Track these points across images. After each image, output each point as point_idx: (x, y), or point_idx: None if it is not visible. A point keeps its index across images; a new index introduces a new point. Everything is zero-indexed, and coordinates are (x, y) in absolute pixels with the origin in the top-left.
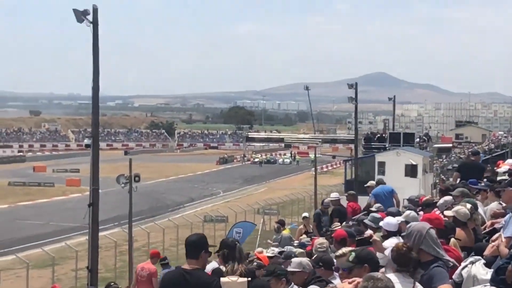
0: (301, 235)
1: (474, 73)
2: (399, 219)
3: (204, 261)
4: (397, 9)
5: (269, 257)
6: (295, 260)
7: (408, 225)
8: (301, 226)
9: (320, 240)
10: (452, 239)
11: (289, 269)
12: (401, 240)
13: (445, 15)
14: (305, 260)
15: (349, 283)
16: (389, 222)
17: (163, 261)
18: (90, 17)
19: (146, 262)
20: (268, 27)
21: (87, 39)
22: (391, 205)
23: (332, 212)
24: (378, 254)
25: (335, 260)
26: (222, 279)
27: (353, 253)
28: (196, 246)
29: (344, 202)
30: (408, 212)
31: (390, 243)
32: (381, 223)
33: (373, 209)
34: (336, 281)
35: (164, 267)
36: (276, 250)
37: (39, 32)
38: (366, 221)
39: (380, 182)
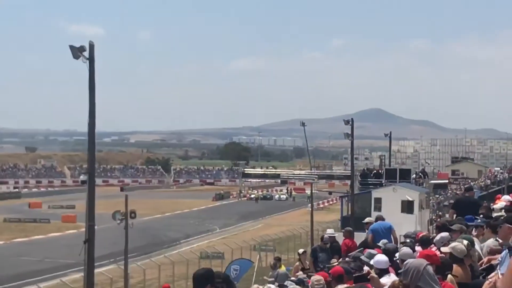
0: (298, 272)
1: (470, 109)
2: (396, 255)
3: None
4: (393, 45)
5: None
6: None
7: (405, 262)
8: (297, 263)
9: (316, 277)
10: (449, 276)
11: None
12: (394, 278)
13: (441, 49)
14: None
15: None
16: (379, 260)
17: None
18: (86, 54)
19: None
20: (264, 63)
21: (83, 75)
22: (389, 241)
23: (331, 248)
24: None
25: None
26: None
27: None
28: (202, 280)
29: (340, 238)
30: (404, 249)
31: (385, 281)
32: (371, 262)
33: (380, 244)
34: None
35: None
36: (273, 286)
37: (35, 68)
38: (362, 257)
39: (379, 218)
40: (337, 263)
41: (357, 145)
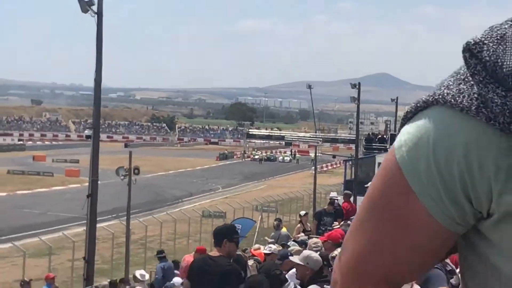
0: (299, 233)
1: None
2: None
3: (227, 249)
4: (402, 9)
5: (266, 254)
6: (304, 252)
7: None
8: (299, 225)
9: (314, 240)
10: None
11: (293, 259)
12: None
13: (451, 16)
14: (314, 255)
15: None
16: None
17: (160, 255)
18: (95, 8)
19: (190, 254)
20: (271, 24)
21: (91, 30)
22: None
23: (335, 212)
24: None
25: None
26: None
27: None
28: (220, 235)
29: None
30: None
31: None
32: None
33: None
34: None
35: (160, 260)
36: (274, 246)
37: (43, 21)
38: None
39: None
40: (338, 226)
41: (363, 110)
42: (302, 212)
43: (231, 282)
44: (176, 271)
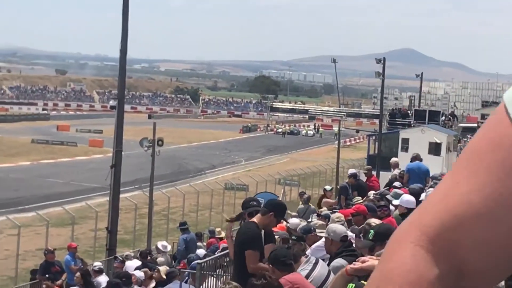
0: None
1: (503, 53)
2: (422, 196)
3: (267, 221)
4: None
5: (287, 228)
6: (331, 226)
7: None
8: (326, 199)
9: (337, 214)
10: None
11: (318, 233)
12: None
13: None
14: (340, 228)
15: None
16: (408, 199)
17: (182, 226)
18: None
19: None
20: None
21: (118, 0)
22: (423, 183)
23: (352, 186)
24: None
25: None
26: None
27: (372, 231)
28: (271, 206)
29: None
30: (430, 190)
31: None
32: (399, 201)
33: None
34: None
35: (183, 232)
36: (297, 220)
37: None
38: (388, 196)
39: (416, 158)
40: (361, 200)
41: (387, 85)
42: (328, 187)
43: (244, 243)
44: (198, 243)
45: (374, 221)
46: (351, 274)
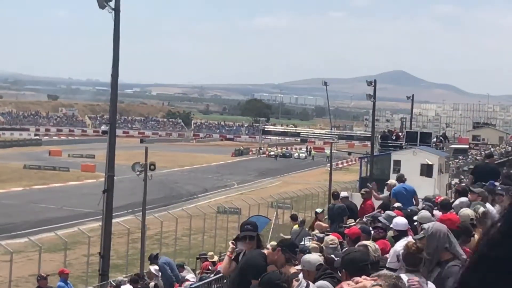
0: (321, 229)
1: (494, 75)
2: (415, 218)
3: (275, 256)
4: (418, 7)
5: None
6: (304, 257)
7: (426, 226)
8: (318, 222)
9: (330, 237)
10: (473, 239)
11: (291, 270)
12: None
13: (468, 14)
14: (313, 258)
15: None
16: (398, 222)
17: (154, 258)
18: (112, 4)
19: None
20: (287, 21)
21: (108, 25)
22: (411, 205)
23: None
24: (390, 259)
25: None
26: None
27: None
28: (280, 243)
29: (356, 199)
30: (423, 212)
31: (403, 244)
32: (392, 224)
33: (395, 205)
34: None
35: (155, 260)
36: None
37: (59, 16)
38: (380, 218)
39: (400, 178)
40: (354, 223)
41: (379, 107)
42: (319, 210)
43: (254, 275)
44: (186, 267)
45: (368, 243)
46: None
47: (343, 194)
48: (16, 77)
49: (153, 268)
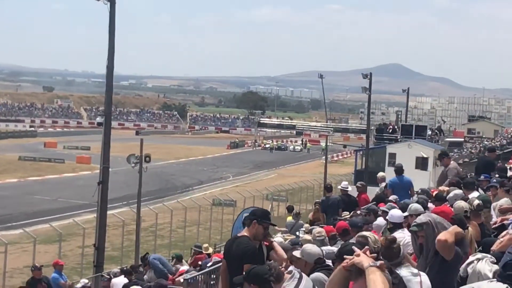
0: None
1: (489, 68)
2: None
3: (254, 230)
4: (416, 0)
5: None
6: (306, 247)
7: (420, 217)
8: (312, 213)
9: (318, 229)
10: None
11: (294, 253)
12: (407, 233)
13: (464, 8)
14: (314, 250)
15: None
16: (394, 214)
17: (144, 259)
18: None
19: None
20: (284, 13)
21: (104, 17)
22: (407, 197)
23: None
24: None
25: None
26: None
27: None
28: (251, 215)
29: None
30: (415, 205)
31: (398, 236)
32: (387, 216)
33: (390, 198)
34: None
35: (147, 260)
36: (279, 236)
37: (55, 8)
38: (384, 208)
39: (398, 168)
40: (349, 215)
41: (374, 100)
42: (319, 200)
43: (250, 261)
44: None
45: (368, 234)
46: (348, 269)
47: (344, 184)
48: (11, 69)
49: (150, 257)
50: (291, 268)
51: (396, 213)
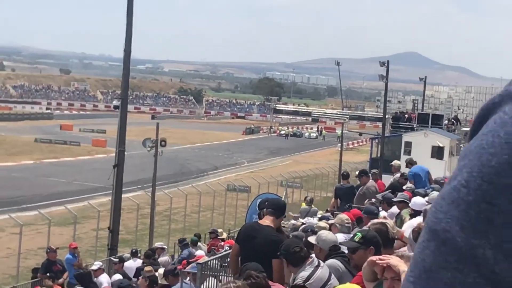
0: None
1: (508, 58)
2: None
3: (278, 223)
4: None
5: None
6: (321, 233)
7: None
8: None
9: (343, 216)
10: None
11: (310, 239)
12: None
13: None
14: (330, 237)
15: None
16: (416, 201)
17: (183, 242)
18: None
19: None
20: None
21: (122, 0)
22: (427, 185)
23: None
24: (406, 234)
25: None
26: None
27: (359, 233)
28: (277, 209)
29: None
30: (434, 193)
31: (415, 222)
32: (410, 203)
33: (406, 187)
34: None
35: (183, 248)
36: (293, 221)
37: None
38: (395, 199)
39: (411, 162)
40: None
41: (391, 88)
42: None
43: (275, 251)
44: (199, 244)
45: (386, 221)
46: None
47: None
48: (29, 51)
49: (159, 244)
50: (312, 255)
51: (418, 201)
